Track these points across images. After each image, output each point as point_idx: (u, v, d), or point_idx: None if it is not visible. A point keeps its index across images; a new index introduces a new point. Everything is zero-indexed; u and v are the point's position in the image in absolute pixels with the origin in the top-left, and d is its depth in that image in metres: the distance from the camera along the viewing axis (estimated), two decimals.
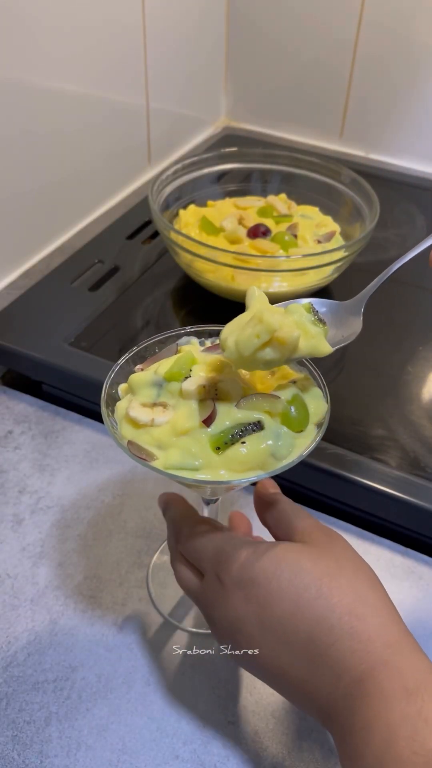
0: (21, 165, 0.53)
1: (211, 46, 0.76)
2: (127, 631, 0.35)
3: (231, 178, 0.60)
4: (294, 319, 0.29)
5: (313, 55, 0.74)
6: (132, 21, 0.61)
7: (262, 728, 0.32)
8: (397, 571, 0.38)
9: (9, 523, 0.40)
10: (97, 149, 0.62)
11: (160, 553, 0.39)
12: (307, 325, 0.29)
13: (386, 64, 0.71)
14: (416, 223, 0.64)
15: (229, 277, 0.49)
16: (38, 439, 0.45)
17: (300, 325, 0.29)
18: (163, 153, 0.73)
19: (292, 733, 0.32)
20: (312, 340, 0.29)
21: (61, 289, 0.53)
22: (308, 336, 0.29)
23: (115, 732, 0.31)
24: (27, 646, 0.34)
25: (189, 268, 0.51)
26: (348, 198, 0.55)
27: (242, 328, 0.27)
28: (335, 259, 0.48)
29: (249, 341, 0.26)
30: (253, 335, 0.26)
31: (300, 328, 0.29)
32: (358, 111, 0.76)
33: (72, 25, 0.54)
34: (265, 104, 0.81)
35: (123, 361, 0.31)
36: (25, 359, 0.48)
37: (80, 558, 0.38)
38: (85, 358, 0.47)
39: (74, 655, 0.34)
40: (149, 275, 0.56)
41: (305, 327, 0.29)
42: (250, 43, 0.77)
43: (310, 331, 0.29)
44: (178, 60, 0.70)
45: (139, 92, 0.65)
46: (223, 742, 0.31)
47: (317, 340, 0.29)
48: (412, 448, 0.42)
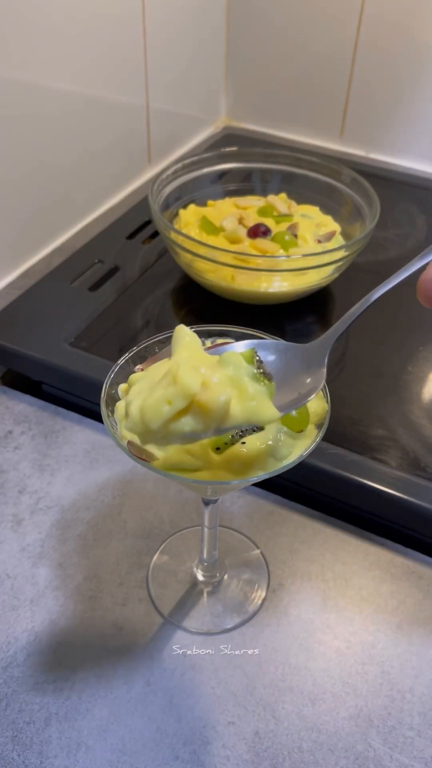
0: (21, 164, 0.53)
1: (211, 46, 0.76)
2: (127, 632, 0.35)
3: (231, 178, 0.60)
4: (227, 374, 0.23)
5: (314, 54, 0.74)
6: (131, 20, 0.60)
7: (262, 729, 0.32)
8: (397, 571, 0.38)
9: (9, 523, 0.40)
10: (98, 149, 0.62)
11: (160, 553, 0.39)
12: (244, 383, 0.23)
13: (387, 63, 0.71)
14: (417, 223, 0.64)
15: (229, 276, 0.49)
16: (38, 439, 0.45)
17: (235, 381, 0.23)
18: (163, 152, 0.73)
19: (292, 734, 0.32)
20: (250, 402, 0.23)
21: (61, 289, 0.53)
22: (245, 397, 0.22)
23: (115, 732, 0.31)
24: (27, 646, 0.34)
25: (189, 268, 0.51)
26: (348, 197, 0.55)
27: (151, 389, 0.21)
28: (335, 258, 0.48)
29: (157, 408, 0.20)
30: (163, 400, 0.20)
31: (235, 386, 0.22)
32: (359, 110, 0.76)
33: (70, 23, 0.53)
34: (265, 103, 0.81)
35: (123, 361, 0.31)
36: (25, 359, 0.47)
37: (80, 558, 0.38)
38: (85, 358, 0.47)
39: (74, 656, 0.34)
40: (149, 275, 0.56)
41: (242, 385, 0.23)
42: (251, 43, 0.77)
43: (247, 390, 0.23)
44: (178, 59, 0.70)
45: (139, 91, 0.65)
46: (223, 743, 0.31)
47: (258, 402, 0.23)
48: (412, 448, 0.42)
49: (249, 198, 0.57)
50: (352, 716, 0.32)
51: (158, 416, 0.21)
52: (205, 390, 0.21)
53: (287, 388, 0.24)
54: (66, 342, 0.48)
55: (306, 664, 0.34)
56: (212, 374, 0.22)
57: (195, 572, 0.38)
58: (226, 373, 0.22)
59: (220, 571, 0.38)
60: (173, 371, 0.21)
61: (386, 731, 0.32)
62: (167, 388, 0.21)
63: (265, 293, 0.50)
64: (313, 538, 0.40)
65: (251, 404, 0.23)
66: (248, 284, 0.49)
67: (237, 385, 0.23)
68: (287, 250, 0.51)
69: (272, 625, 0.36)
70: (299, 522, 0.40)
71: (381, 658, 0.34)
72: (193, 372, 0.21)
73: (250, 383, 0.23)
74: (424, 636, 0.35)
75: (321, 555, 0.39)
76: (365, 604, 0.37)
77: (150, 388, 0.21)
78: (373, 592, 0.37)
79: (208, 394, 0.21)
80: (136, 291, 0.54)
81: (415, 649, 0.35)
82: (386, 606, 0.37)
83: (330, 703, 0.33)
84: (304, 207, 0.57)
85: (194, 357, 0.22)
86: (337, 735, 0.32)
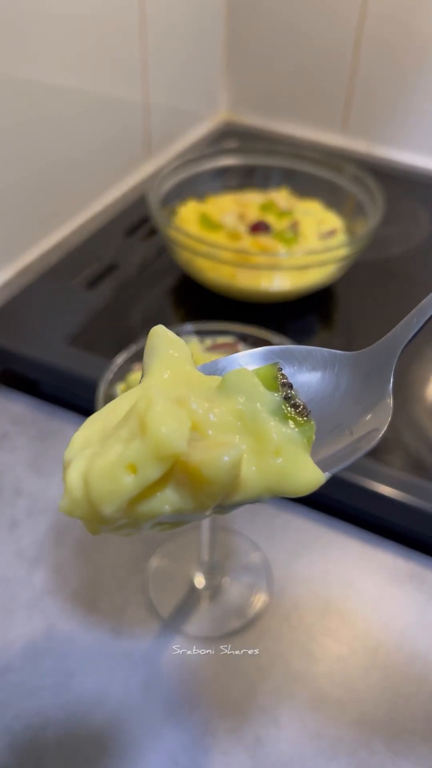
0: (16, 160, 0.52)
1: (211, 39, 0.75)
2: (126, 636, 0.34)
3: (231, 174, 0.59)
4: (234, 409, 0.14)
5: (316, 47, 0.73)
6: (130, 14, 0.59)
7: (263, 735, 0.31)
8: (400, 575, 0.38)
9: (4, 526, 0.39)
10: (95, 144, 0.61)
11: (160, 556, 0.38)
12: (263, 424, 0.14)
13: (391, 56, 0.70)
14: (421, 220, 0.63)
15: (229, 274, 0.48)
16: (35, 440, 0.44)
17: (248, 423, 0.13)
18: (162, 148, 0.72)
19: (294, 740, 0.31)
20: (274, 460, 0.13)
21: (59, 286, 0.53)
22: (266, 451, 0.13)
23: (113, 738, 0.31)
24: (23, 651, 0.34)
25: (188, 266, 0.51)
26: (351, 193, 0.55)
27: (103, 441, 0.13)
28: (338, 256, 0.47)
29: (112, 480, 0.12)
30: (123, 465, 0.12)
31: (248, 431, 0.13)
32: (363, 104, 0.75)
33: (64, 13, 0.53)
34: (266, 97, 0.80)
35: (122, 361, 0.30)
36: (22, 358, 0.47)
37: (77, 562, 0.38)
38: (82, 357, 0.46)
39: (71, 661, 0.33)
40: (148, 273, 0.55)
41: (260, 428, 0.14)
42: (251, 35, 0.76)
43: (269, 437, 0.13)
44: (177, 53, 0.69)
45: (138, 86, 0.65)
46: (223, 749, 0.31)
47: (288, 459, 0.14)
48: (416, 449, 0.42)
49: (250, 194, 0.56)
50: (354, 722, 0.32)
51: (114, 493, 0.12)
52: (197, 443, 0.12)
53: (329, 427, 0.15)
54: (63, 341, 0.47)
55: (308, 668, 0.34)
56: (208, 412, 0.13)
57: (195, 576, 0.37)
58: (233, 408, 0.13)
59: (220, 575, 0.38)
60: (140, 410, 0.12)
61: (390, 737, 0.31)
62: (130, 441, 0.12)
63: (266, 291, 0.49)
64: (315, 540, 0.39)
65: (276, 463, 0.13)
66: (249, 282, 0.49)
67: (251, 428, 0.13)
68: (289, 247, 0.50)
69: (273, 629, 0.35)
70: (301, 524, 0.40)
71: (384, 663, 0.34)
72: (173, 411, 0.12)
73: (273, 425, 0.13)
74: (428, 640, 0.35)
75: (323, 558, 0.38)
76: (368, 607, 0.36)
77: (101, 439, 0.13)
78: (376, 596, 0.37)
79: (203, 450, 0.12)
80: (135, 289, 0.53)
81: (419, 653, 0.34)
82: (389, 610, 0.36)
83: (332, 708, 0.32)
84: (306, 203, 0.56)
85: (176, 381, 0.14)
86: (340, 741, 0.31)
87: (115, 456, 0.12)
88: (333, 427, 0.15)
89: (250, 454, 0.13)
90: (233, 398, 0.14)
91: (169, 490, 0.13)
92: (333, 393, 0.16)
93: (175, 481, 0.13)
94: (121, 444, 0.12)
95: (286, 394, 0.14)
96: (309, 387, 0.15)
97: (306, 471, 0.14)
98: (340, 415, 0.15)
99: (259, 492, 0.14)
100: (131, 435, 0.12)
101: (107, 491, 0.12)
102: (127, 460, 0.12)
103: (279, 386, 0.14)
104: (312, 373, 0.16)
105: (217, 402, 0.14)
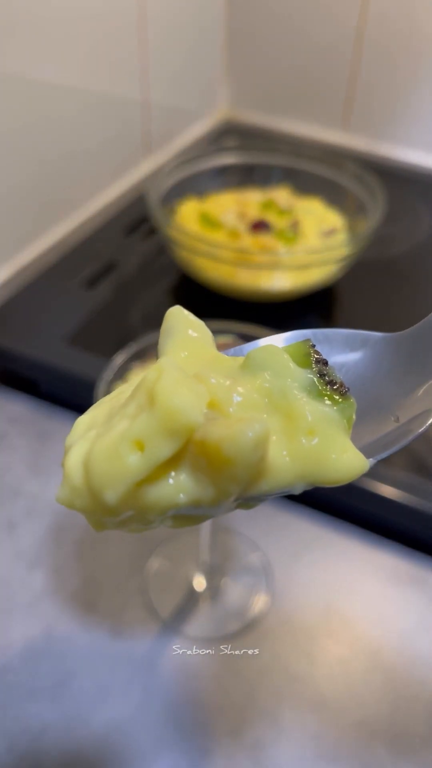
0: (15, 159, 0.52)
1: (211, 36, 0.75)
2: (126, 637, 0.34)
3: (231, 172, 0.59)
4: (260, 386, 0.12)
5: (317, 44, 0.73)
6: (129, 11, 0.59)
7: (263, 737, 0.31)
8: (402, 576, 0.37)
9: (3, 526, 0.39)
10: (95, 143, 0.61)
11: (159, 557, 0.38)
12: (294, 401, 0.12)
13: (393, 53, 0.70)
14: (422, 218, 0.63)
15: (229, 274, 0.48)
16: (33, 440, 0.44)
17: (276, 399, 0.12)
18: (162, 146, 0.72)
19: (295, 743, 0.31)
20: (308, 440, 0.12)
21: (58, 286, 0.52)
22: (298, 430, 0.12)
23: (113, 742, 0.31)
24: (22, 652, 0.34)
25: (188, 265, 0.50)
26: (352, 192, 0.54)
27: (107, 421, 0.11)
28: (339, 255, 0.47)
29: (115, 459, 0.11)
30: (128, 442, 0.11)
31: (276, 408, 0.12)
32: (364, 102, 0.74)
33: (63, 10, 0.52)
34: (267, 95, 0.79)
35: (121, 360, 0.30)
36: (21, 358, 0.47)
37: (76, 563, 0.37)
38: (82, 356, 0.46)
39: (71, 662, 0.33)
40: (148, 272, 0.55)
41: (290, 404, 0.12)
42: (252, 32, 0.76)
43: (302, 415, 0.12)
44: (177, 50, 0.68)
45: (137, 83, 0.64)
46: (223, 753, 0.30)
47: (326, 439, 0.12)
48: (418, 449, 0.41)
49: (250, 192, 0.56)
50: (356, 724, 0.32)
51: (118, 475, 0.10)
52: (216, 421, 0.10)
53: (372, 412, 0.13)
54: (63, 340, 0.47)
55: (308, 671, 0.33)
56: (230, 388, 0.11)
57: (195, 576, 0.37)
58: (258, 385, 0.12)
59: (220, 575, 0.37)
60: (149, 381, 0.11)
61: (391, 739, 0.31)
62: (136, 416, 0.10)
63: (267, 291, 0.49)
64: (315, 541, 0.39)
65: (310, 445, 0.12)
66: (249, 281, 0.48)
67: (281, 406, 0.12)
68: (290, 245, 0.50)
69: (274, 630, 0.35)
70: (301, 524, 0.39)
71: (385, 665, 0.34)
72: (187, 382, 0.11)
73: (306, 402, 0.12)
74: (429, 642, 0.35)
75: (324, 559, 0.38)
76: (369, 609, 0.36)
77: (105, 420, 0.11)
78: (377, 597, 0.36)
79: (224, 425, 0.10)
80: (135, 288, 0.53)
81: (421, 655, 0.34)
82: (391, 611, 0.36)
83: (333, 710, 0.32)
84: (307, 202, 0.56)
85: (195, 360, 0.12)
86: (341, 743, 0.31)
87: (119, 433, 0.10)
88: (375, 411, 0.13)
89: (279, 436, 0.12)
90: (258, 375, 0.12)
91: (183, 474, 0.11)
92: (374, 375, 0.14)
93: (190, 463, 0.11)
94: (126, 420, 0.11)
95: (321, 370, 0.13)
96: (347, 369, 0.14)
97: (345, 454, 0.12)
98: (383, 398, 0.14)
99: (290, 480, 0.12)
100: (138, 410, 0.10)
101: (110, 473, 0.10)
102: (133, 435, 0.10)
103: (312, 363, 0.13)
104: (349, 354, 0.14)
105: (240, 380, 0.12)
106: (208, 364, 0.12)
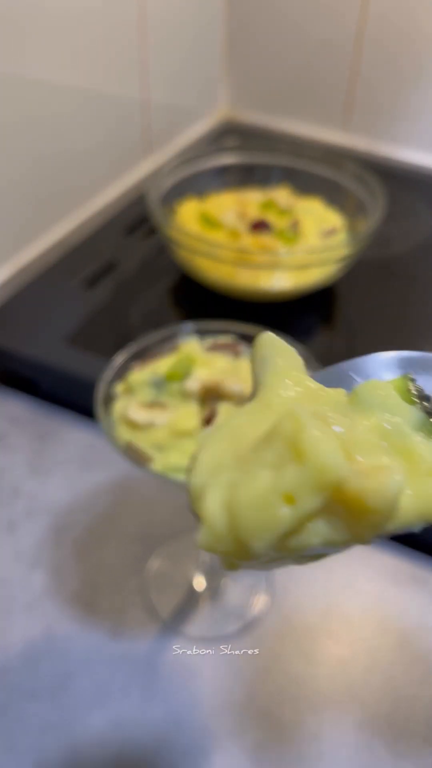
0: (14, 158, 0.52)
1: (211, 35, 0.75)
2: (126, 638, 0.34)
3: (231, 172, 0.59)
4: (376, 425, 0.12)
5: (318, 43, 0.73)
6: (129, 10, 0.59)
7: (263, 738, 0.31)
8: (402, 577, 0.37)
9: (3, 527, 0.39)
10: (95, 142, 0.61)
11: (159, 557, 0.38)
12: (412, 442, 0.12)
13: (394, 52, 0.70)
14: (422, 218, 0.63)
15: (229, 273, 0.48)
16: (33, 441, 0.44)
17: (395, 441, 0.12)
18: (162, 146, 0.72)
19: (295, 744, 0.31)
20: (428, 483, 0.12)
21: (57, 285, 0.52)
22: (420, 472, 0.12)
23: (113, 742, 0.31)
24: (22, 653, 0.34)
25: (188, 265, 0.50)
26: (352, 192, 0.54)
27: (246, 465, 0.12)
28: (339, 254, 0.47)
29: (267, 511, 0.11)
30: (278, 495, 0.11)
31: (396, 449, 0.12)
32: (364, 101, 0.74)
33: (63, 9, 0.52)
34: (267, 95, 0.79)
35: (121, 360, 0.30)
36: (20, 358, 0.47)
37: (76, 563, 0.37)
38: (81, 356, 0.46)
39: (71, 663, 0.33)
40: (148, 272, 0.55)
41: (409, 446, 0.12)
42: (252, 31, 0.76)
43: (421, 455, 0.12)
44: (177, 49, 0.68)
45: (137, 82, 0.64)
46: (223, 753, 0.30)
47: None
48: None
49: (250, 192, 0.56)
50: (356, 724, 0.32)
51: (269, 526, 0.11)
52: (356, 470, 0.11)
53: None
54: (62, 340, 0.47)
55: (308, 671, 0.33)
56: (352, 431, 0.11)
57: (195, 577, 0.37)
58: (374, 425, 0.12)
59: (220, 575, 0.37)
60: (288, 432, 0.11)
61: (391, 739, 0.31)
62: (280, 468, 0.11)
63: (267, 291, 0.49)
64: None
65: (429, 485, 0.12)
66: (249, 281, 0.48)
67: (400, 448, 0.12)
68: (290, 245, 0.50)
69: (274, 630, 0.35)
70: None
71: (385, 666, 0.34)
72: (328, 434, 0.11)
73: (421, 441, 0.12)
74: (429, 642, 0.35)
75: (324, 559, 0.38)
76: (369, 610, 0.36)
77: (236, 464, 0.11)
78: (377, 598, 0.36)
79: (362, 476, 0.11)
80: (134, 288, 0.53)
81: (421, 655, 0.34)
82: (391, 612, 0.36)
83: (333, 711, 0.32)
84: (307, 201, 0.56)
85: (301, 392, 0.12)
86: (341, 743, 0.31)
87: (267, 484, 0.11)
88: None
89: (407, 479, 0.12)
90: (371, 414, 0.13)
91: (321, 521, 0.11)
92: None
93: (327, 510, 0.11)
94: (269, 470, 0.11)
95: (426, 408, 0.13)
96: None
97: None
98: None
99: (411, 519, 0.12)
100: (280, 460, 0.11)
101: (260, 524, 0.11)
102: (283, 489, 0.11)
103: (414, 398, 0.13)
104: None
105: (357, 420, 0.12)
106: (315, 398, 0.13)
